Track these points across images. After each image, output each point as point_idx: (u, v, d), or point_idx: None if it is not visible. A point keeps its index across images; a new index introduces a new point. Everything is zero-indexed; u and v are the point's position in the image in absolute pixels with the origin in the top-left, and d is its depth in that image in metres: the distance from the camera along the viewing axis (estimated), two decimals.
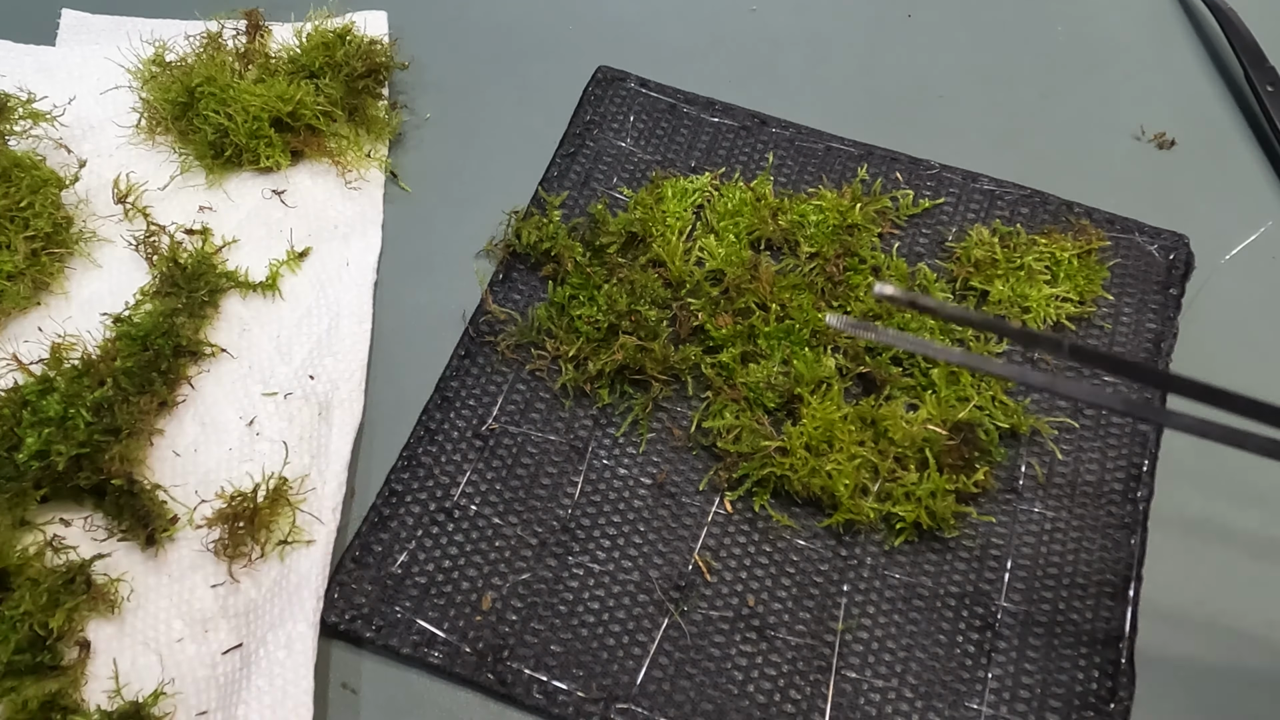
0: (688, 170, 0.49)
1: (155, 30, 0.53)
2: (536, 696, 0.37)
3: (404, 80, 0.53)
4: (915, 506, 0.39)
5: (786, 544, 0.40)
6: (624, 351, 0.42)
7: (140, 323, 0.43)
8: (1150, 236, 0.47)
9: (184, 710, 0.36)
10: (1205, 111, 0.53)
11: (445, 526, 0.40)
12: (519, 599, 0.39)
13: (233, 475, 0.41)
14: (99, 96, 0.51)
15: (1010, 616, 0.39)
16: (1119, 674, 0.37)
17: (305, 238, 0.47)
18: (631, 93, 0.52)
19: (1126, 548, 0.40)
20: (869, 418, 0.41)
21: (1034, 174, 0.49)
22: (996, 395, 0.42)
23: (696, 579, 0.39)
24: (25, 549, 0.38)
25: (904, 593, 0.39)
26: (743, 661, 0.38)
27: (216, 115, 0.47)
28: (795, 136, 0.50)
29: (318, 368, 0.44)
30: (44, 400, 0.40)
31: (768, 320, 0.44)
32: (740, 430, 0.41)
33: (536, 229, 0.46)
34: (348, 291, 0.46)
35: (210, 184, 0.49)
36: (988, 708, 0.37)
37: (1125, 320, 0.45)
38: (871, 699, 0.37)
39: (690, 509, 0.41)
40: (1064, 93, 0.54)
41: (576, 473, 0.41)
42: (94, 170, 0.48)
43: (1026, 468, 0.42)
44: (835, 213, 0.47)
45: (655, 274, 0.45)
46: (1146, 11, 0.57)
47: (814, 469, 0.40)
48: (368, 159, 0.50)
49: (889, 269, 0.46)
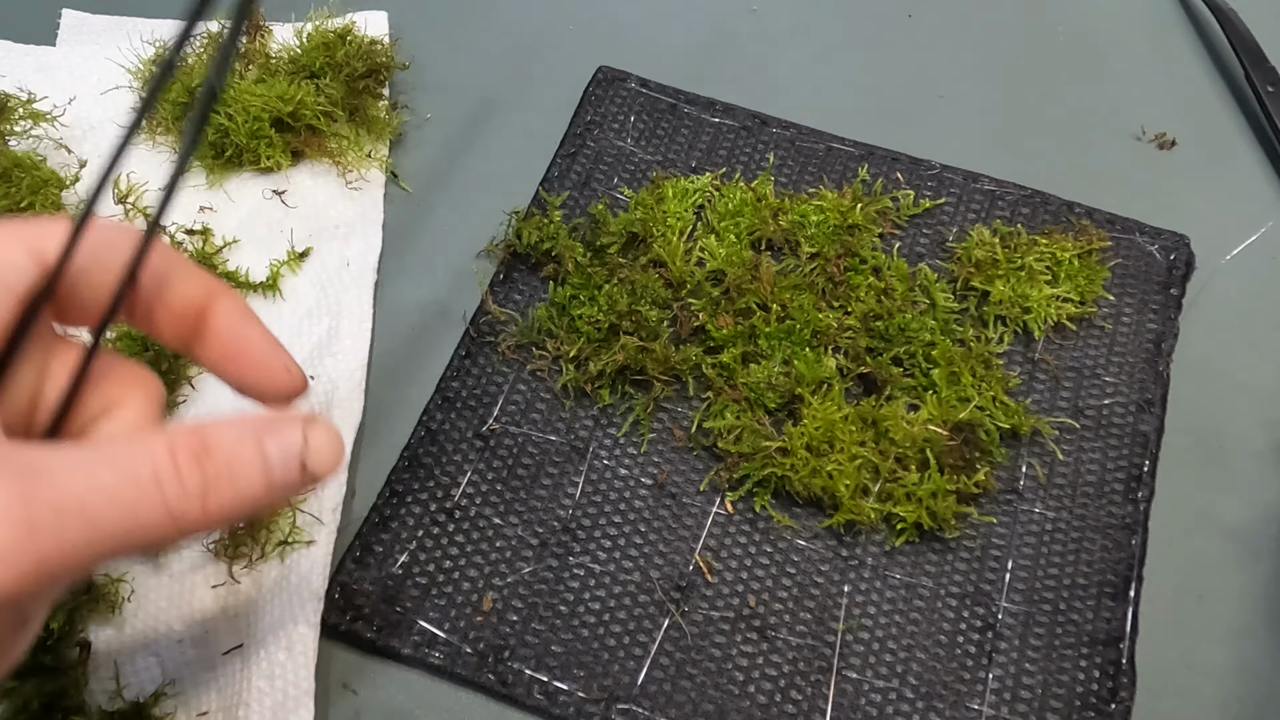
0: (688, 170, 0.49)
1: (155, 30, 0.53)
2: (537, 697, 0.37)
3: (404, 80, 0.53)
4: (916, 507, 0.39)
5: (787, 544, 0.40)
6: (625, 352, 0.42)
7: None
8: (1151, 237, 0.47)
9: (184, 711, 0.36)
10: (1205, 111, 0.53)
11: (446, 527, 0.40)
12: (520, 599, 0.39)
13: None
14: (99, 96, 0.50)
15: (1011, 617, 0.39)
16: (1119, 674, 0.37)
17: (305, 238, 0.47)
18: (632, 93, 0.52)
19: (1127, 548, 0.40)
20: (870, 418, 0.41)
21: (1034, 174, 0.49)
22: (997, 396, 0.42)
23: (697, 579, 0.39)
24: None
25: (905, 593, 0.39)
26: (743, 662, 0.38)
27: (216, 115, 0.47)
28: (796, 137, 0.50)
29: (317, 368, 0.43)
30: None
31: (768, 320, 0.44)
32: (741, 430, 0.41)
33: (537, 229, 0.46)
34: (348, 291, 0.46)
35: (210, 184, 0.49)
36: (988, 708, 0.37)
37: (1126, 320, 0.45)
38: (872, 699, 0.37)
39: (691, 509, 0.41)
40: (1064, 93, 0.54)
41: (577, 473, 0.41)
42: (94, 170, 0.48)
43: (1027, 468, 0.42)
44: (836, 213, 0.47)
45: (656, 274, 0.45)
46: (1146, 11, 0.57)
47: (815, 469, 0.40)
48: (368, 159, 0.50)
49: (890, 269, 0.46)
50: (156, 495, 0.23)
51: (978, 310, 0.45)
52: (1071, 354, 0.44)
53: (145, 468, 0.23)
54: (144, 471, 0.23)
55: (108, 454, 0.23)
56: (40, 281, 0.26)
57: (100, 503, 0.22)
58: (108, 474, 0.23)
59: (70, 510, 0.22)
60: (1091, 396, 0.43)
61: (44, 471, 0.22)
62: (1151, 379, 0.44)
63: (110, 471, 0.23)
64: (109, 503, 0.23)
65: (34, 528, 0.21)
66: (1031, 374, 0.44)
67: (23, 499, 0.21)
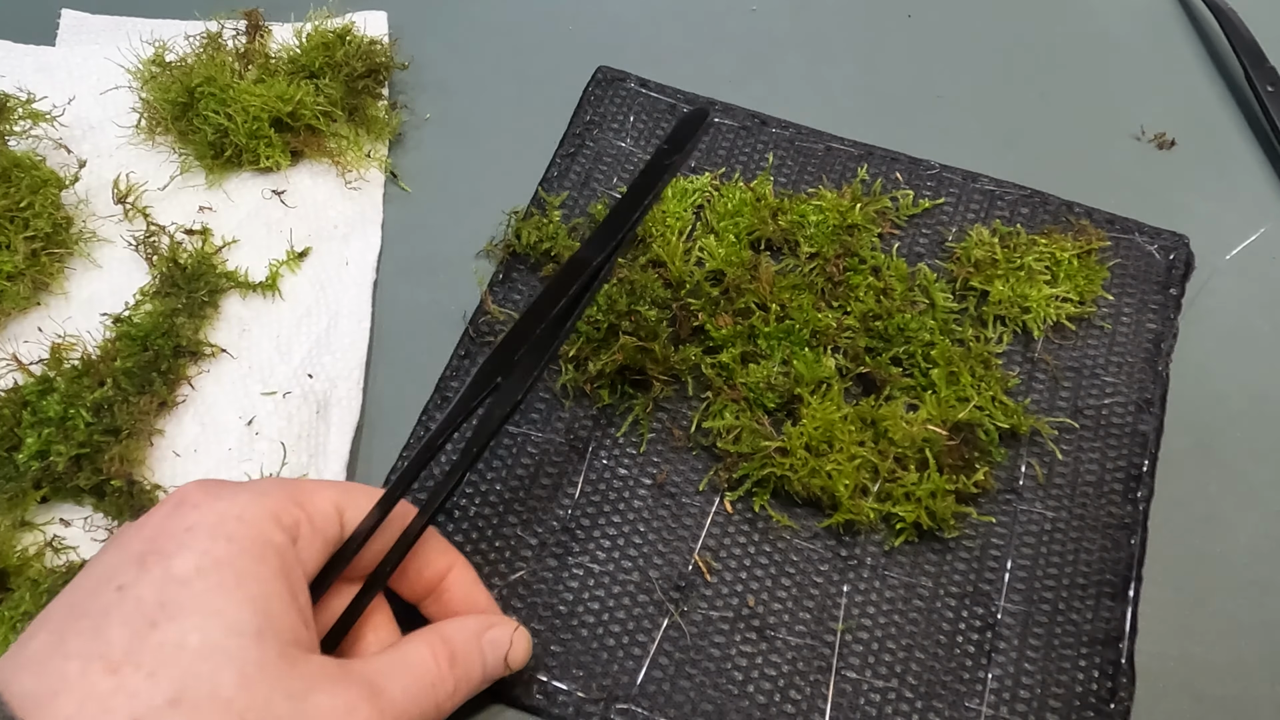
0: (688, 170, 0.49)
1: (155, 30, 0.53)
2: (536, 696, 0.37)
3: (404, 80, 0.53)
4: (915, 507, 0.39)
5: (786, 544, 0.40)
6: (624, 352, 0.42)
7: (140, 323, 0.43)
8: (1150, 236, 0.47)
9: None
10: (1205, 111, 0.53)
11: (445, 527, 0.40)
12: (519, 599, 0.39)
13: (233, 475, 0.41)
14: (99, 96, 0.50)
15: (1010, 616, 0.39)
16: (1119, 674, 0.37)
17: (305, 238, 0.47)
18: (631, 93, 0.52)
19: (1126, 548, 0.40)
20: (869, 418, 0.41)
21: (1034, 174, 0.49)
22: (996, 395, 0.42)
23: (696, 579, 0.39)
24: (25, 549, 0.38)
25: (904, 593, 0.39)
26: (743, 662, 0.38)
27: (216, 115, 0.47)
28: (795, 136, 0.50)
29: (316, 366, 0.44)
30: (44, 401, 0.40)
31: (768, 320, 0.44)
32: (740, 430, 0.41)
33: (536, 229, 0.46)
34: (347, 291, 0.46)
35: (210, 184, 0.49)
36: (988, 708, 0.37)
37: (1125, 320, 0.45)
38: (871, 699, 0.37)
39: (690, 509, 0.41)
40: (1064, 93, 0.54)
41: (576, 473, 0.41)
42: (94, 170, 0.48)
43: (1026, 468, 0.42)
44: (835, 213, 0.47)
45: (655, 274, 0.45)
46: (1146, 11, 0.57)
47: (814, 469, 0.40)
48: (367, 159, 0.50)
49: (889, 269, 0.46)
50: (432, 697, 0.31)
51: (977, 310, 0.45)
52: (1071, 354, 0.44)
53: (429, 674, 0.31)
54: (428, 677, 0.31)
55: (406, 664, 0.31)
56: (342, 540, 0.33)
57: (409, 704, 0.30)
58: (411, 682, 0.31)
59: (400, 714, 0.30)
60: (1091, 396, 0.43)
61: (381, 685, 0.30)
62: (1151, 379, 0.44)
63: (413, 680, 0.31)
64: (412, 702, 0.31)
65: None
66: (1031, 374, 0.44)
67: (380, 711, 0.29)
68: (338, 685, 0.29)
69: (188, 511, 0.30)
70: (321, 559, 0.32)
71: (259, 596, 0.29)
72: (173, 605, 0.28)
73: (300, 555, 0.31)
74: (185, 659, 0.27)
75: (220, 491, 0.31)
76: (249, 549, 0.29)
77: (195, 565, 0.28)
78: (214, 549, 0.29)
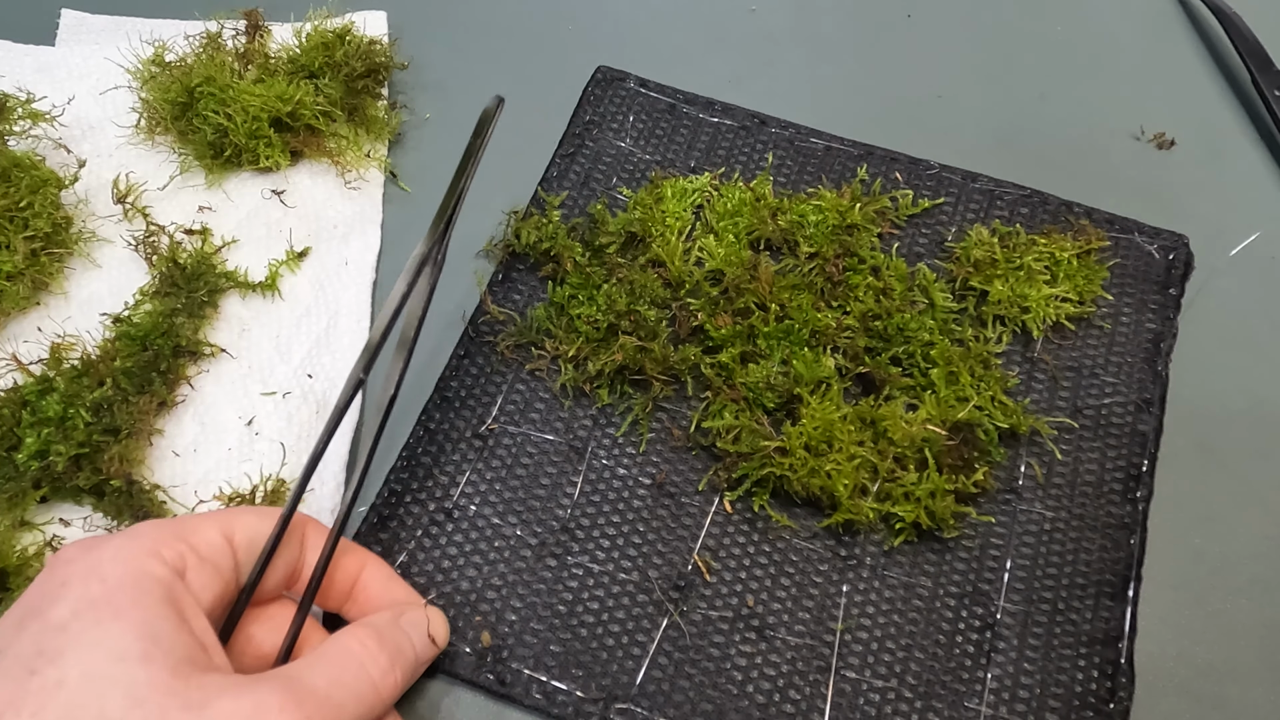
0: (687, 170, 0.49)
1: (155, 30, 0.53)
2: (536, 696, 0.37)
3: (403, 80, 0.53)
4: (914, 506, 0.39)
5: (786, 544, 0.40)
6: (623, 351, 0.42)
7: (140, 323, 0.43)
8: (1150, 236, 0.47)
9: None
10: (1205, 111, 0.53)
11: (445, 527, 0.40)
12: (518, 599, 0.39)
13: (232, 475, 0.41)
14: (98, 96, 0.51)
15: (1009, 616, 0.39)
16: (1119, 674, 0.37)
17: (305, 238, 0.47)
18: (631, 93, 0.52)
19: (1126, 548, 0.40)
20: (868, 418, 0.41)
21: (1034, 174, 0.49)
22: (996, 395, 0.42)
23: (696, 579, 0.39)
24: (25, 549, 0.38)
25: (903, 593, 0.39)
26: (742, 661, 0.38)
27: (216, 115, 0.47)
28: (795, 136, 0.50)
29: (315, 366, 0.44)
30: (43, 400, 0.40)
31: (767, 320, 0.44)
32: (740, 430, 0.41)
33: (536, 229, 0.46)
34: (346, 291, 0.46)
35: (210, 184, 0.49)
36: (987, 708, 0.37)
37: (1125, 320, 0.45)
38: (871, 699, 0.37)
39: (690, 509, 0.41)
40: (1064, 93, 0.54)
41: (576, 473, 0.41)
42: (93, 170, 0.48)
43: (1026, 468, 0.42)
44: (835, 213, 0.47)
45: (655, 274, 0.45)
46: (1146, 11, 0.57)
47: (813, 469, 0.40)
48: (367, 159, 0.50)
49: (888, 269, 0.45)
50: (366, 676, 0.31)
51: (976, 310, 0.45)
52: (1070, 354, 0.44)
53: (356, 656, 0.32)
54: (356, 659, 0.32)
55: (327, 656, 0.31)
56: (239, 565, 0.33)
57: (336, 691, 0.30)
58: (336, 669, 0.31)
59: (325, 702, 0.29)
60: (1090, 396, 0.43)
61: (298, 678, 0.30)
62: (1150, 379, 0.44)
63: (338, 667, 0.31)
64: (340, 688, 0.30)
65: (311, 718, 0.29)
66: (1030, 374, 0.44)
67: (297, 702, 0.29)
68: (243, 689, 0.28)
69: (61, 568, 0.30)
70: (219, 587, 0.32)
71: (141, 622, 0.28)
72: (51, 650, 0.28)
73: (191, 586, 0.31)
74: (66, 694, 0.27)
75: (94, 543, 0.31)
76: (126, 583, 0.29)
77: (71, 610, 0.28)
78: (88, 592, 0.29)
